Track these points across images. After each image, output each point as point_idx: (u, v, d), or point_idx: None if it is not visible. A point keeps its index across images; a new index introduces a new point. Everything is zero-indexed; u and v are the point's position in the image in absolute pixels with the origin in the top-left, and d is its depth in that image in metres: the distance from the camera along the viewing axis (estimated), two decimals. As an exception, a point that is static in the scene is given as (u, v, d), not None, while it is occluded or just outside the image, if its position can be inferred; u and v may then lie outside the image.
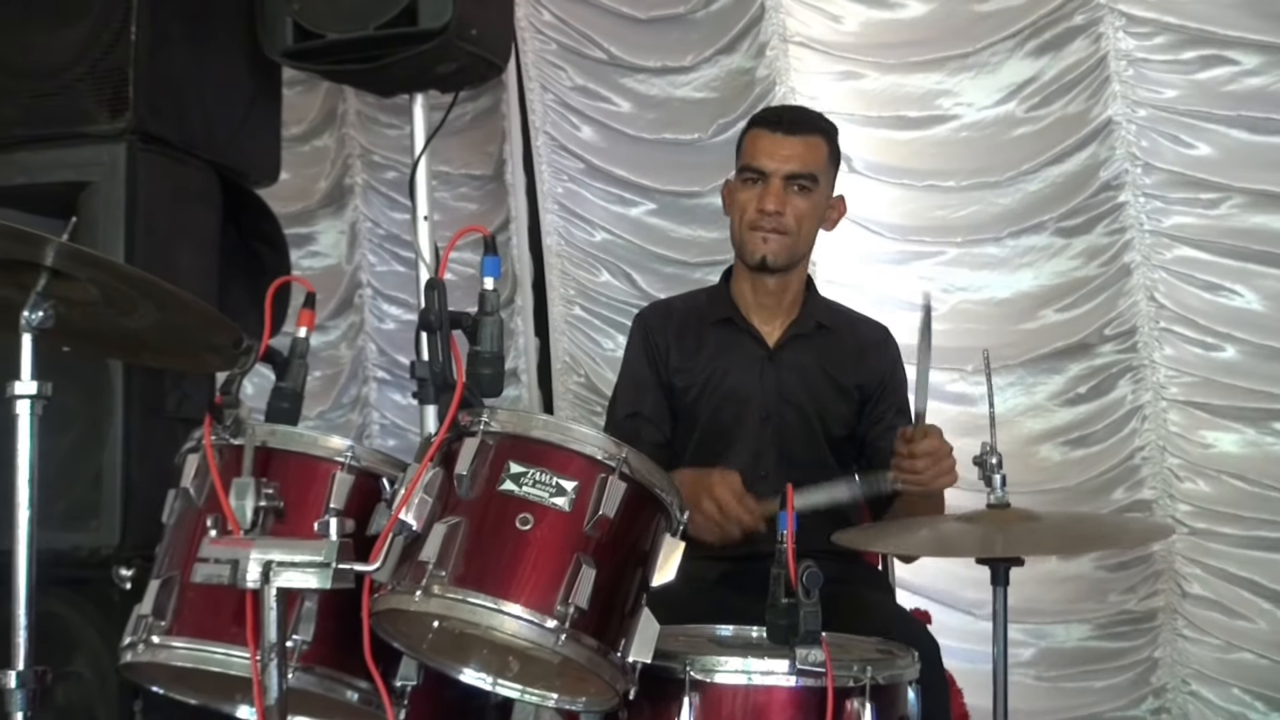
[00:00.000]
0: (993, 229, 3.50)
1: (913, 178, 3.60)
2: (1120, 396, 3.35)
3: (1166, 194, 3.26)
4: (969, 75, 3.51)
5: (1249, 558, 3.23)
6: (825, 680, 2.02)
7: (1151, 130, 3.26)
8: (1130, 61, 3.26)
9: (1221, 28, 3.15)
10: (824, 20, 3.66)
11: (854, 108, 3.61)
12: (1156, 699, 3.36)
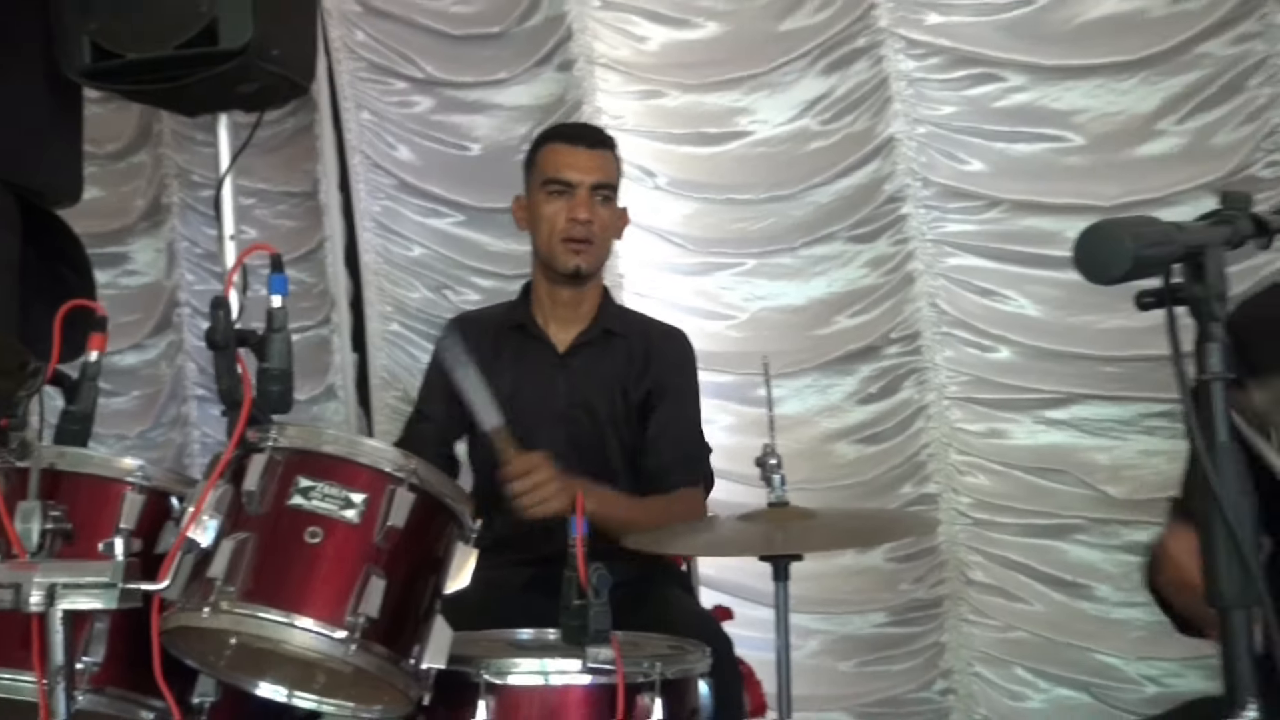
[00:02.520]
0: (787, 240, 3.54)
1: (712, 191, 3.64)
2: (906, 397, 3.42)
3: (944, 205, 3.34)
4: (764, 94, 3.55)
5: (1026, 545, 3.31)
6: (616, 677, 2.05)
7: (929, 146, 3.33)
8: (909, 81, 3.33)
9: (990, 49, 3.24)
10: (628, 42, 3.69)
11: (656, 125, 3.65)
12: (945, 680, 3.42)
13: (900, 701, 3.48)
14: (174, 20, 3.14)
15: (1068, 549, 3.28)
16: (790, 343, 3.53)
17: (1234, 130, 3.00)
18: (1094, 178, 3.14)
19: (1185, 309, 1.41)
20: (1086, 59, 3.15)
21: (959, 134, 3.31)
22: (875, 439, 3.47)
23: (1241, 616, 1.37)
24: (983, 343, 3.33)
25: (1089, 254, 1.38)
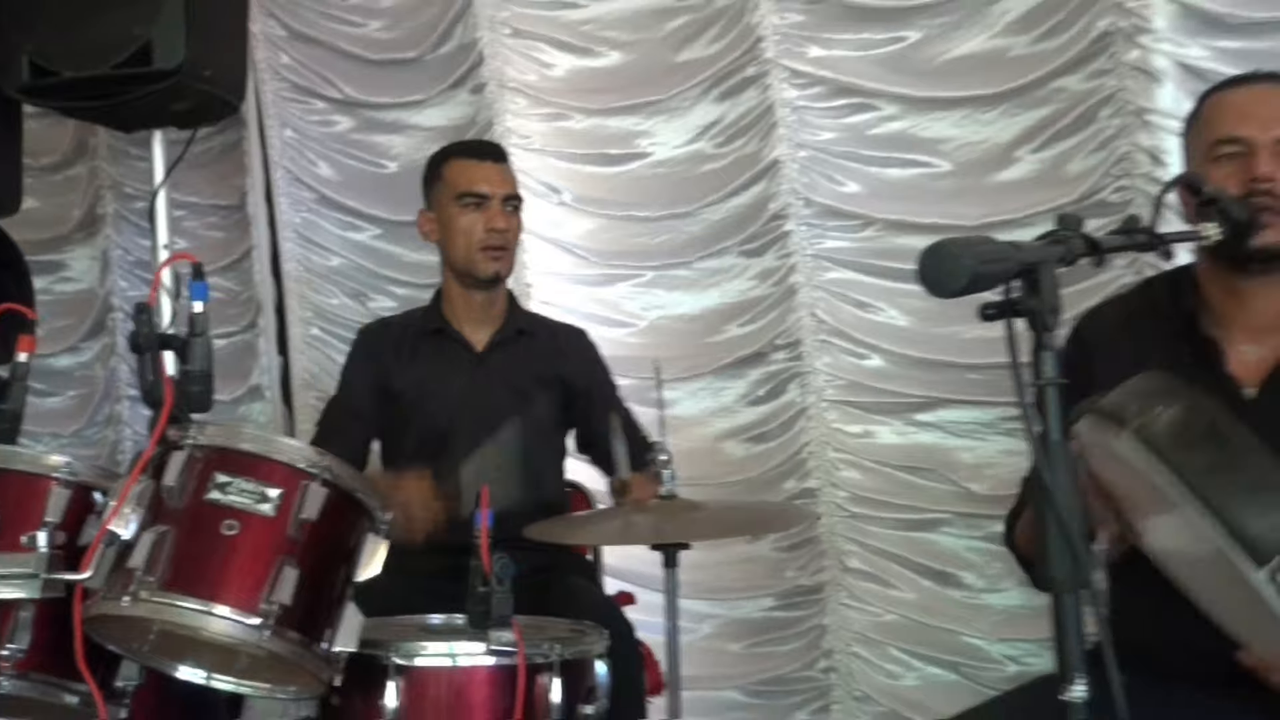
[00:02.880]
0: (682, 254, 3.58)
1: (614, 208, 3.66)
2: (790, 399, 3.45)
3: (824, 223, 3.38)
4: (662, 119, 3.58)
5: (898, 536, 3.36)
6: (518, 659, 2.08)
7: (811, 169, 3.37)
8: (793, 109, 3.37)
9: (866, 81, 3.29)
10: (536, 68, 3.71)
11: (562, 146, 3.67)
12: (826, 660, 3.46)
13: (786, 680, 3.51)
14: (111, 41, 3.14)
15: (936, 540, 3.33)
16: (685, 349, 3.56)
17: (1085, 158, 3.06)
18: (959, 200, 3.19)
19: (1023, 320, 1.45)
20: (953, 92, 3.21)
21: (838, 158, 3.36)
22: (761, 438, 3.50)
23: (1071, 600, 1.42)
24: (858, 350, 3.37)
25: (931, 270, 1.42)
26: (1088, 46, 3.01)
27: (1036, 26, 3.09)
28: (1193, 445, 1.73)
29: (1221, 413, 1.75)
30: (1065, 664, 1.43)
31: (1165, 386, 1.82)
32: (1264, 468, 1.69)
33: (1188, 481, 1.69)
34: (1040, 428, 1.45)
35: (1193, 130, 2.29)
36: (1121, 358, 2.24)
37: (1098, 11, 2.98)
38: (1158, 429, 1.76)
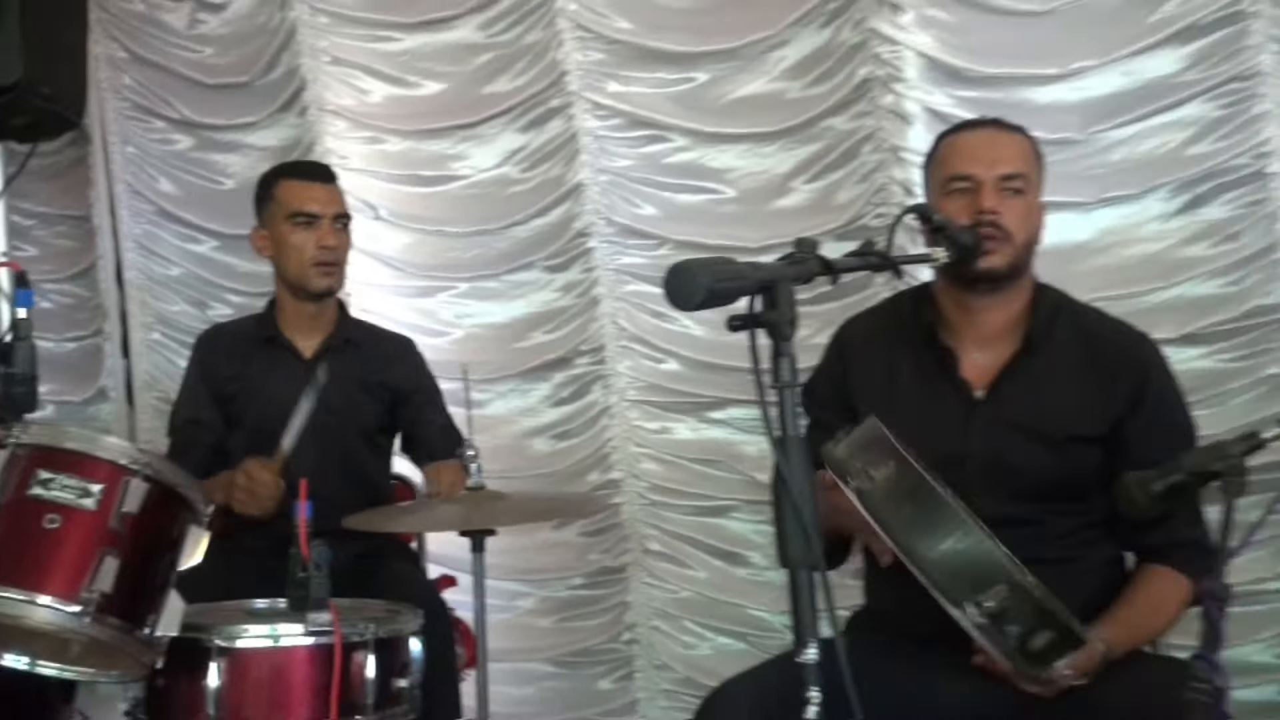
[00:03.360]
0: (493, 267, 3.60)
1: (428, 224, 3.66)
2: (593, 399, 3.50)
3: (623, 241, 3.44)
4: (473, 143, 3.59)
5: (692, 521, 3.44)
6: (334, 638, 2.07)
7: (611, 192, 3.43)
8: (594, 137, 3.42)
9: (660, 115, 3.37)
10: (354, 93, 3.70)
11: (379, 166, 3.66)
12: (630, 633, 3.52)
13: (592, 651, 3.56)
14: (-51, 57, 3.01)
15: (726, 524, 3.41)
16: (495, 354, 3.58)
17: (851, 189, 3.17)
18: (742, 224, 3.27)
19: (763, 331, 1.51)
20: (736, 129, 3.30)
21: (634, 183, 3.42)
22: (567, 435, 3.54)
23: (805, 575, 1.49)
24: (655, 355, 3.44)
25: (673, 287, 1.47)
26: (851, 92, 3.13)
27: (808, 73, 3.20)
28: (899, 504, 1.88)
29: (926, 474, 1.89)
30: (800, 631, 1.49)
31: (884, 444, 1.95)
32: (955, 526, 1.85)
33: (892, 535, 1.88)
34: (778, 426, 1.51)
35: (931, 167, 2.40)
36: (875, 363, 2.35)
37: (859, 61, 3.10)
38: (873, 489, 1.90)
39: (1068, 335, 2.30)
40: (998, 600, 1.82)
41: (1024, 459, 2.21)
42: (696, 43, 3.29)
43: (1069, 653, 1.91)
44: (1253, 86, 2.79)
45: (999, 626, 1.84)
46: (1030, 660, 1.88)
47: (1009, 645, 1.85)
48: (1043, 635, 1.86)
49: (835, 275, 1.65)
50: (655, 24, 3.33)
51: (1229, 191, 2.85)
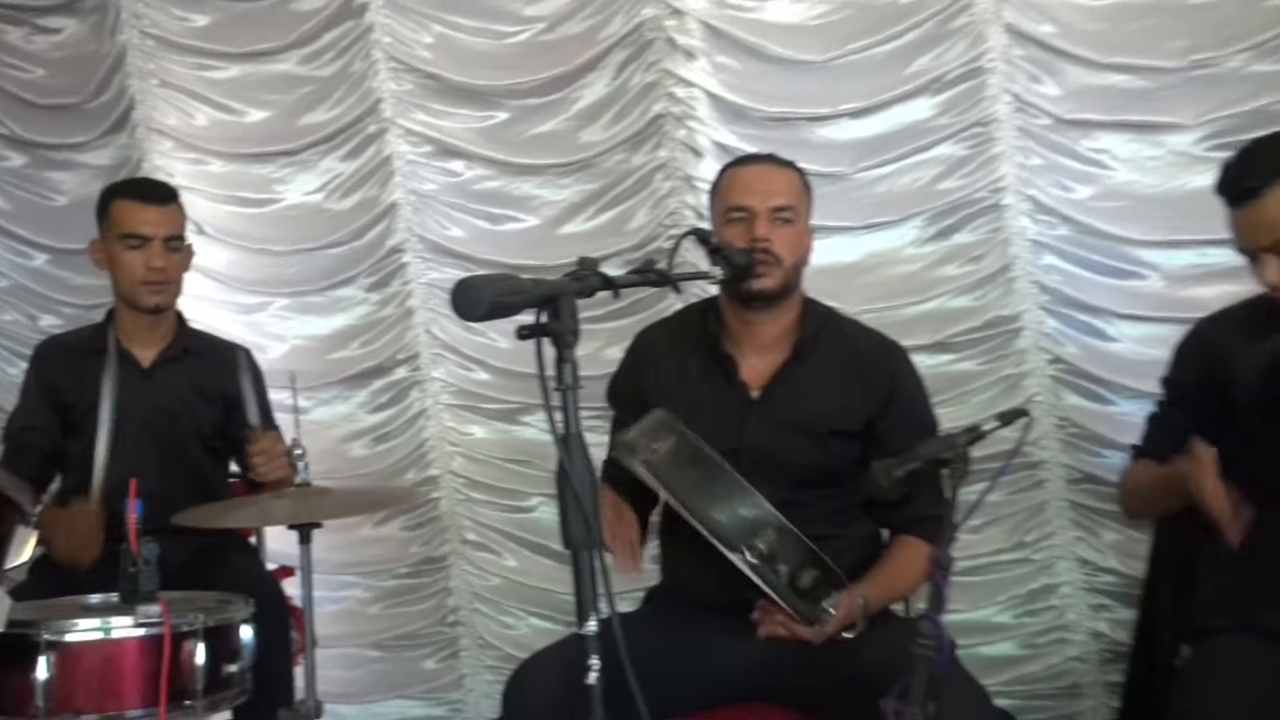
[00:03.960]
0: (315, 282, 3.55)
1: (253, 241, 3.59)
2: (411, 404, 3.49)
3: (436, 258, 3.44)
4: (294, 169, 3.55)
5: (504, 515, 3.46)
6: (164, 629, 2.04)
7: (423, 212, 3.44)
8: (407, 161, 3.43)
9: (469, 145, 3.39)
10: (181, 116, 3.61)
11: (206, 186, 3.55)
12: (454, 615, 3.52)
13: (418, 634, 3.54)
14: None
15: (535, 517, 3.43)
16: (319, 364, 3.53)
17: (645, 214, 3.25)
18: (543, 246, 3.30)
19: (549, 339, 1.56)
20: (538, 160, 3.34)
21: (445, 206, 3.42)
22: (386, 438, 3.52)
23: (586, 555, 1.55)
24: (467, 364, 3.44)
25: (459, 300, 1.51)
26: (645, 127, 3.21)
27: (605, 112, 3.27)
28: (681, 469, 2.00)
29: (702, 444, 2.01)
30: (581, 605, 1.55)
31: (667, 424, 2.07)
32: (729, 484, 1.99)
33: (678, 496, 2.00)
34: (561, 424, 1.56)
35: (714, 196, 2.49)
36: (666, 366, 2.44)
37: (653, 98, 3.19)
38: (658, 459, 2.01)
39: (831, 344, 2.42)
40: (768, 543, 1.95)
41: (792, 451, 2.33)
42: (500, 79, 3.33)
43: (833, 591, 2.05)
44: (990, 131, 2.98)
45: (771, 566, 1.97)
46: (801, 596, 2.01)
47: (781, 582, 1.99)
48: (809, 573, 2.00)
49: (616, 290, 1.71)
50: (462, 63, 3.36)
51: (973, 220, 3.02)
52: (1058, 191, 2.96)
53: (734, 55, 3.14)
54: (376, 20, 3.39)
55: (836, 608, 2.08)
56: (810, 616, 2.06)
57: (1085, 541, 3.02)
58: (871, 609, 2.20)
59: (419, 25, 3.40)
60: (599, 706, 1.54)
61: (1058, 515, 3.03)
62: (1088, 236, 2.95)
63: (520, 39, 3.33)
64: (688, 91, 3.17)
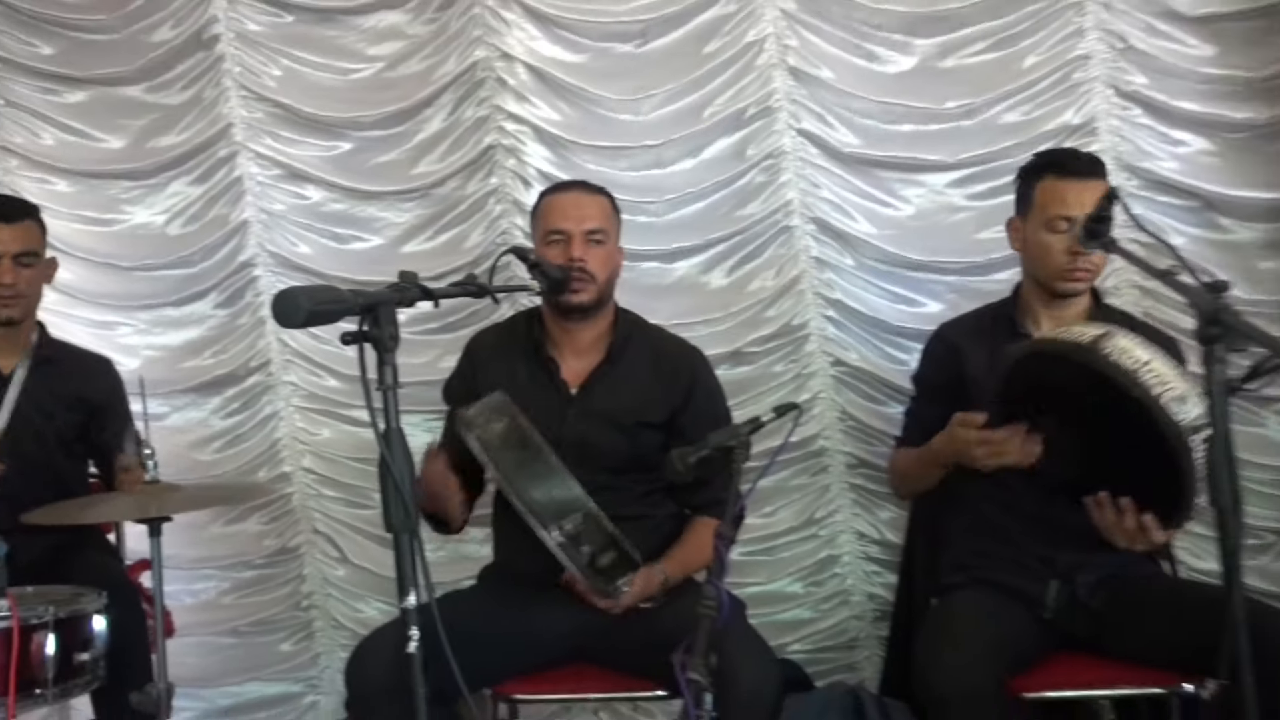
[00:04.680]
0: (164, 296, 3.43)
1: (107, 259, 3.45)
2: (263, 406, 3.41)
3: (286, 272, 3.35)
4: (141, 193, 3.44)
5: (349, 510, 3.41)
6: (12, 622, 1.98)
7: (273, 228, 3.36)
8: (258, 182, 3.35)
9: (316, 171, 3.34)
10: (27, 135, 3.46)
11: (53, 204, 3.33)
12: (308, 600, 3.44)
13: (273, 620, 3.44)
14: None
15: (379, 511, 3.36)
16: (175, 373, 3.42)
17: (480, 234, 3.25)
18: (387, 263, 3.19)
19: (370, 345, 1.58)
20: (381, 187, 3.32)
21: (294, 225, 3.37)
22: (239, 440, 3.42)
23: (405, 539, 1.57)
24: (317, 371, 3.38)
25: (279, 309, 1.50)
26: (478, 157, 3.24)
27: (442, 143, 3.28)
28: (510, 449, 2.05)
29: (531, 430, 2.07)
30: (402, 582, 1.58)
31: (504, 408, 2.12)
32: (548, 468, 2.06)
33: (501, 471, 2.06)
34: (383, 420, 1.58)
35: (534, 220, 2.56)
36: (496, 367, 2.50)
37: (485, 131, 3.22)
38: (489, 436, 2.05)
39: (640, 349, 2.53)
40: (574, 525, 2.02)
41: (604, 441, 2.42)
42: (345, 112, 3.30)
43: (628, 572, 2.14)
44: (779, 163, 3.12)
45: (576, 545, 2.04)
46: (599, 574, 2.09)
47: (583, 561, 2.06)
48: (608, 555, 2.09)
49: (436, 300, 1.74)
50: (309, 95, 3.32)
51: (771, 243, 3.15)
52: (840, 215, 3.12)
53: (565, 99, 3.21)
54: (228, 51, 3.32)
55: (630, 585, 2.16)
56: (606, 592, 2.14)
57: (862, 518, 3.18)
58: (672, 582, 2.30)
59: (268, 59, 3.34)
60: (419, 673, 1.57)
61: (840, 496, 3.18)
62: (867, 258, 3.12)
63: (363, 75, 3.32)
64: (516, 126, 3.21)
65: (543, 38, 3.22)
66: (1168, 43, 2.97)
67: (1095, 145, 2.93)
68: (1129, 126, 2.99)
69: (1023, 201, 2.45)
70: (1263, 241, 2.97)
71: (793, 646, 3.18)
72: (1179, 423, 1.75)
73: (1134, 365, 1.80)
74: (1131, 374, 1.79)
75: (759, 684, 2.02)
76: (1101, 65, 2.99)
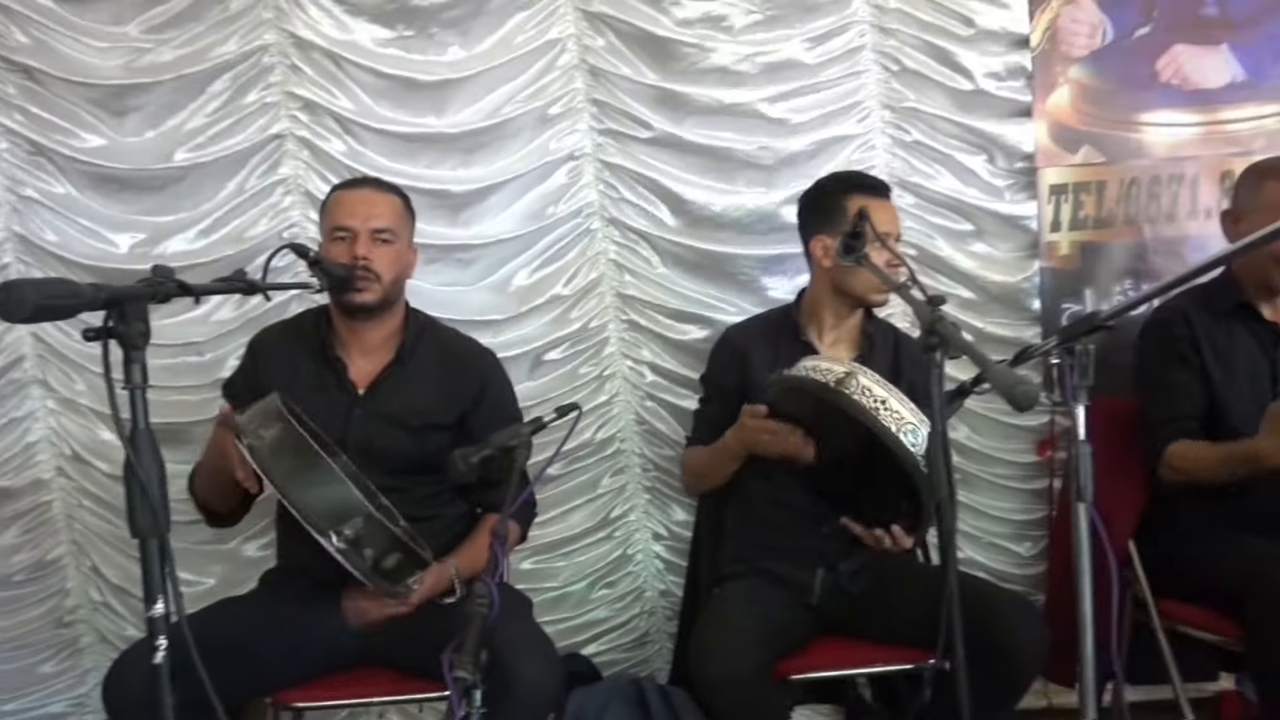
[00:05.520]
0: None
1: None
2: (20, 410, 3.13)
3: (41, 261, 3.07)
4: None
5: (104, 521, 3.17)
6: None
7: (24, 215, 3.06)
8: (6, 163, 3.06)
9: (75, 154, 3.06)
10: None
11: None
12: (72, 615, 3.21)
13: (32, 636, 3.19)
14: None
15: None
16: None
17: (264, 225, 3.08)
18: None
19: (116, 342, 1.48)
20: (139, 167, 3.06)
21: (48, 213, 3.06)
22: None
23: (153, 543, 1.49)
24: (68, 372, 3.11)
25: (3, 301, 1.39)
26: (262, 144, 3.07)
27: (214, 127, 3.05)
28: (282, 457, 1.98)
29: (305, 434, 2.01)
30: (149, 588, 1.49)
31: (276, 412, 2.05)
32: (324, 473, 1.99)
33: (274, 481, 1.98)
34: (131, 420, 1.49)
35: (322, 215, 2.49)
36: (280, 364, 2.43)
37: (272, 118, 3.06)
38: (261, 444, 1.98)
39: (430, 349, 2.50)
40: (355, 530, 1.97)
41: (391, 442, 2.38)
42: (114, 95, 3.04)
43: (417, 571, 2.11)
44: (581, 165, 3.12)
45: (358, 550, 1.99)
46: (384, 576, 2.05)
47: (366, 565, 2.01)
48: (393, 557, 2.05)
49: (196, 297, 1.66)
50: (74, 72, 3.03)
51: (574, 246, 3.13)
52: (639, 218, 3.15)
53: (354, 82, 3.08)
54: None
55: (420, 583, 2.14)
56: (393, 593, 2.12)
57: (655, 518, 3.24)
58: (463, 578, 2.29)
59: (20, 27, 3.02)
60: (167, 684, 1.49)
61: (635, 497, 3.22)
62: (665, 259, 3.16)
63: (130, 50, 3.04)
64: (311, 116, 3.06)
65: (340, 22, 3.06)
66: (941, 64, 3.15)
67: (871, 161, 3.13)
68: (901, 146, 3.17)
69: (830, 219, 2.53)
70: (1023, 256, 3.21)
71: (588, 647, 3.21)
72: (913, 453, 1.99)
73: (874, 405, 2.01)
74: (872, 413, 2.00)
75: (539, 679, 2.05)
76: (878, 85, 3.15)
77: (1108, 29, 3.17)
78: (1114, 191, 3.18)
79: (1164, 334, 2.63)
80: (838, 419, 2.08)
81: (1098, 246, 3.19)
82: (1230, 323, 2.59)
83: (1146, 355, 2.67)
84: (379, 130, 3.08)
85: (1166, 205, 3.18)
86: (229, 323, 3.08)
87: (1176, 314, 2.63)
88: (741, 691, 2.14)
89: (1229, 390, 2.53)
